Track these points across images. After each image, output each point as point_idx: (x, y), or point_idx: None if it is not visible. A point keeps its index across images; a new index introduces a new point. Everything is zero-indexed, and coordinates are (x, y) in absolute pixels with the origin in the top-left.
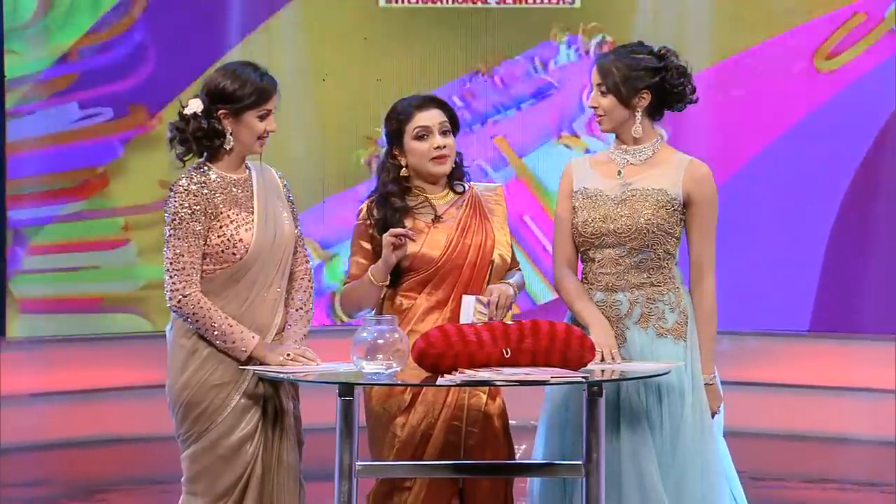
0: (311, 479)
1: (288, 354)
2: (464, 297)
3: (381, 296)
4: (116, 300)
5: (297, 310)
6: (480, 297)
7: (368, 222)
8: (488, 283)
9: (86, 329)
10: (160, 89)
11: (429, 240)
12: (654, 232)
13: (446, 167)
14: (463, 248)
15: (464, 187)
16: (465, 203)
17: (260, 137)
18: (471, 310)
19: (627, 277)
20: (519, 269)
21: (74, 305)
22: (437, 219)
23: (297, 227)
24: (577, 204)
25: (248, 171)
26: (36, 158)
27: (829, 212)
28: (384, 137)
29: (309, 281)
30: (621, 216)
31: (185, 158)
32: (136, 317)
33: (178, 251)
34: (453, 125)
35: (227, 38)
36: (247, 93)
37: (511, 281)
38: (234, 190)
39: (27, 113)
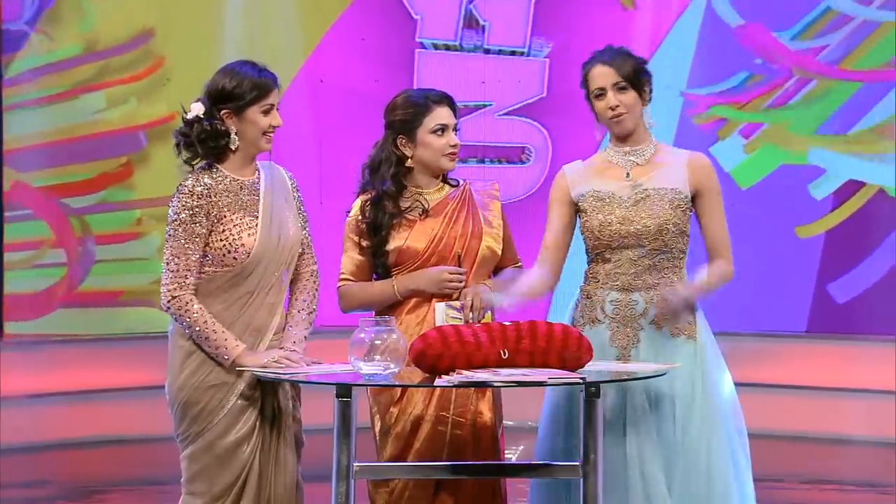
0: (309, 479)
1: (273, 357)
2: (436, 304)
3: None
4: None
5: (299, 311)
6: (452, 302)
7: (359, 218)
8: (473, 275)
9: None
10: None
11: (414, 233)
12: (672, 231)
13: (454, 164)
14: (449, 240)
15: (458, 182)
16: (456, 197)
17: (265, 133)
18: (442, 316)
19: (644, 277)
20: (518, 266)
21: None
22: (424, 213)
23: (304, 228)
24: (586, 207)
25: (258, 172)
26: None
27: (823, 212)
28: (387, 126)
29: (314, 283)
30: (642, 217)
31: (193, 163)
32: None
33: (174, 252)
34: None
35: None
36: (246, 89)
37: (492, 280)
38: (241, 193)
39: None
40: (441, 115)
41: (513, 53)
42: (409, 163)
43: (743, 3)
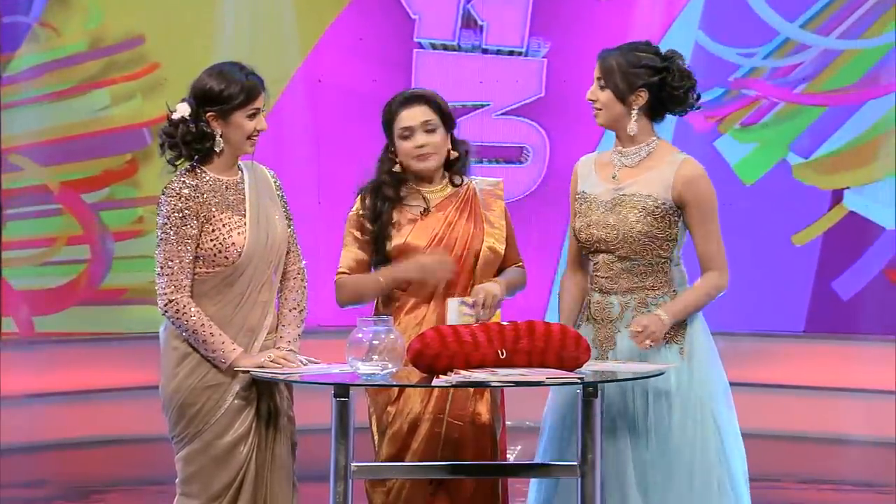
0: (306, 480)
1: (270, 357)
2: (448, 300)
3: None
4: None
5: (290, 310)
6: (465, 299)
7: (361, 213)
8: (476, 276)
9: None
10: None
11: (415, 231)
12: (640, 240)
13: (430, 164)
14: (450, 240)
15: (461, 180)
16: (459, 197)
17: (250, 137)
18: (455, 313)
19: (620, 281)
20: (520, 266)
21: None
22: (426, 212)
23: (290, 226)
24: (576, 208)
25: (240, 172)
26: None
27: (821, 211)
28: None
29: (302, 280)
30: (609, 223)
31: (177, 163)
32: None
33: (167, 255)
34: (445, 120)
35: None
36: (233, 92)
37: (501, 279)
38: (227, 193)
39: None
40: (404, 118)
41: (511, 53)
42: (396, 168)
43: (710, 25)
